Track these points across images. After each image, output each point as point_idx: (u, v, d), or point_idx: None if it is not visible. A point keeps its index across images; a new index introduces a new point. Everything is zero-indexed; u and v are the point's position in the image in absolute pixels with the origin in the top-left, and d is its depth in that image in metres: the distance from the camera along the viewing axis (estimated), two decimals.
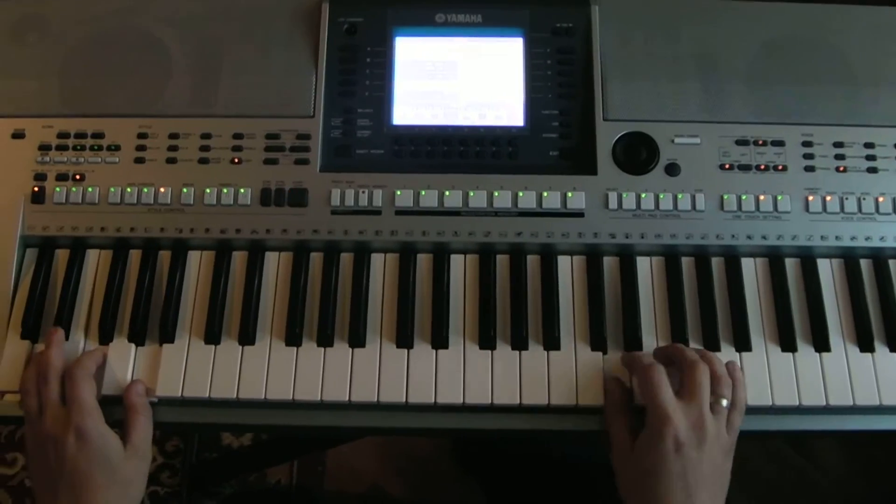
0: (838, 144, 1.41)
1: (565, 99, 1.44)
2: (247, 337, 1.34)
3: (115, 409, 1.29)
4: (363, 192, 1.38)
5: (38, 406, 1.26)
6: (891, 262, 1.40)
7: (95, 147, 1.42)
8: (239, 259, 1.40)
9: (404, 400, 1.30)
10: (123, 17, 1.49)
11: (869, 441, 1.60)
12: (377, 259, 1.40)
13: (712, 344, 1.33)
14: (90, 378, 1.28)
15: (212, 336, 1.34)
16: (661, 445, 1.18)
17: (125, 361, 1.33)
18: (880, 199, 1.38)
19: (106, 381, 1.32)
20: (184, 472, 2.43)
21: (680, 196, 1.38)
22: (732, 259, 1.39)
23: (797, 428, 1.34)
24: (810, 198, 1.38)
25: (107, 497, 1.21)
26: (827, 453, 1.73)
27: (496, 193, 1.38)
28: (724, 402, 1.23)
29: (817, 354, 1.33)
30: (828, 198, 1.38)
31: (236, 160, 1.40)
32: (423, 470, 2.25)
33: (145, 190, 1.39)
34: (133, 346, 1.34)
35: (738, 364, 1.31)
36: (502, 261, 1.39)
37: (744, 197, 1.38)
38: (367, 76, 1.45)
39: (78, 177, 1.40)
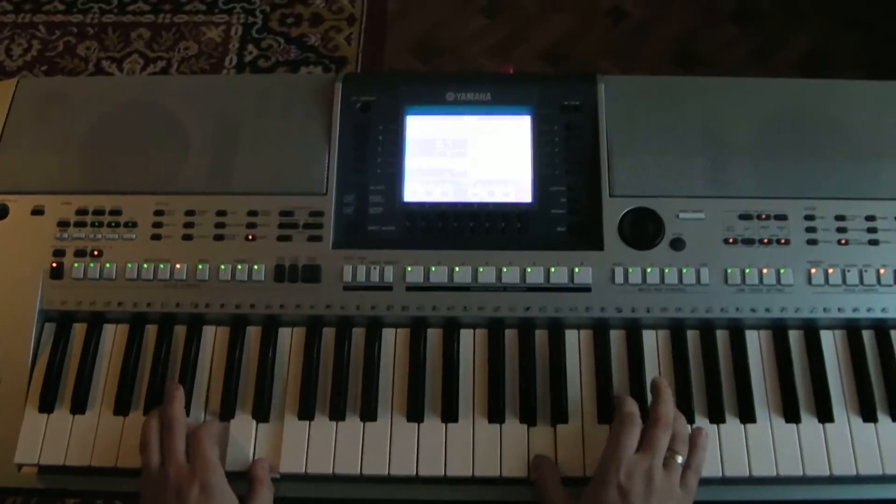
0: (840, 217, 1.42)
1: (572, 175, 1.46)
2: (261, 413, 1.35)
3: (125, 480, 1.33)
4: (375, 268, 1.40)
5: (160, 459, 1.28)
6: (893, 332, 1.41)
7: (113, 224, 1.44)
8: (253, 334, 1.41)
9: (415, 472, 1.32)
10: (142, 96, 1.53)
11: None
12: (388, 334, 1.41)
13: (717, 415, 1.35)
14: (215, 440, 1.31)
15: (227, 412, 1.36)
16: (606, 493, 1.20)
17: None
18: (881, 271, 1.40)
19: (122, 452, 1.34)
20: None
21: (685, 270, 1.39)
22: (737, 331, 1.40)
23: (801, 498, 1.35)
24: (813, 270, 1.40)
25: None
26: None
27: (505, 269, 1.40)
28: (679, 459, 1.25)
29: (821, 425, 1.34)
30: (830, 270, 1.39)
31: (251, 237, 1.42)
32: None
33: (161, 266, 1.41)
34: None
35: (705, 431, 1.32)
36: (511, 335, 1.41)
37: (747, 270, 1.40)
38: (379, 153, 1.48)
39: (96, 252, 1.42)
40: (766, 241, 1.42)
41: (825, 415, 1.35)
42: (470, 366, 1.39)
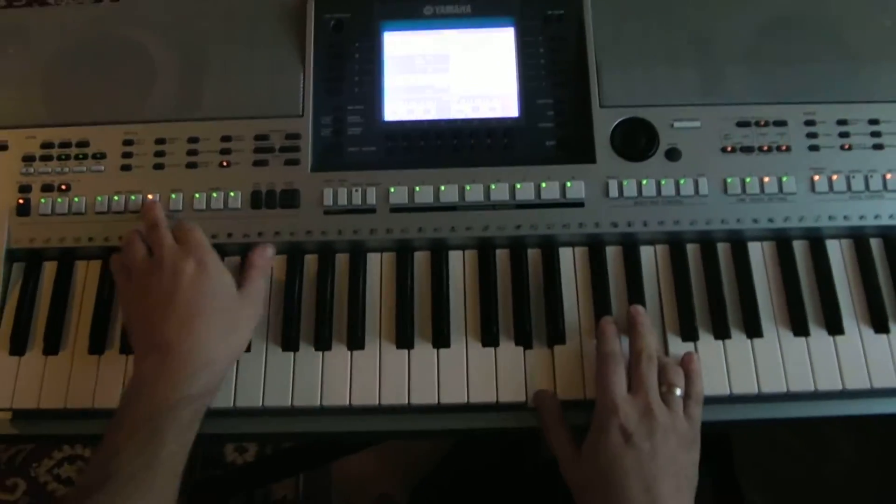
0: (842, 122, 1.37)
1: (560, 87, 1.41)
2: None
3: (102, 421, 1.23)
4: (356, 190, 1.35)
5: (146, 250, 1.27)
6: None
7: (80, 156, 1.39)
8: (232, 264, 1.36)
9: (406, 402, 1.27)
10: (104, 24, 1.47)
11: (884, 427, 1.56)
12: (373, 258, 1.36)
13: (722, 331, 1.30)
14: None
15: None
16: (608, 438, 1.16)
17: (118, 374, 1.29)
18: (888, 176, 1.35)
19: (98, 393, 1.29)
20: (187, 490, 2.40)
21: (682, 181, 1.34)
22: (739, 244, 1.36)
23: (812, 414, 1.31)
24: (816, 178, 1.35)
25: (214, 330, 1.20)
26: (839, 444, 1.69)
27: (493, 186, 1.34)
28: (678, 392, 1.21)
29: (831, 338, 1.30)
30: (834, 177, 1.34)
31: (225, 163, 1.37)
32: None
33: (133, 197, 1.36)
34: (125, 357, 1.30)
35: (695, 355, 1.27)
36: (502, 255, 1.36)
37: (747, 179, 1.34)
38: (356, 72, 1.42)
39: (63, 187, 1.37)
40: (765, 148, 1.36)
41: (835, 327, 1.30)
42: (460, 288, 1.34)
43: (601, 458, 1.15)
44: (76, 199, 1.36)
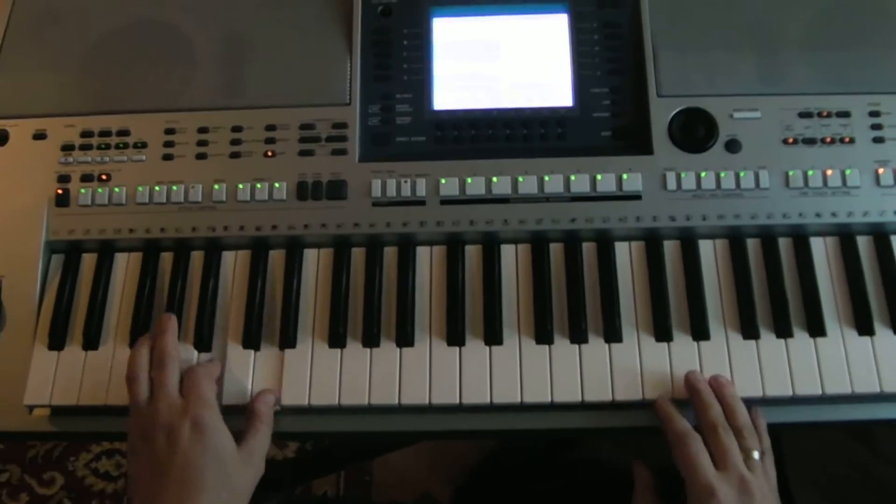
0: None
1: (615, 75, 1.37)
2: (288, 340, 1.27)
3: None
4: (405, 181, 1.31)
5: (148, 394, 1.20)
6: None
7: (121, 145, 1.36)
8: (276, 258, 1.33)
9: (458, 401, 1.23)
10: (145, 9, 1.44)
11: None
12: (423, 252, 1.33)
13: (784, 329, 1.25)
14: (212, 377, 1.23)
15: (250, 341, 1.27)
16: None
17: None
18: None
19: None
20: None
21: (742, 174, 1.30)
22: (801, 239, 1.31)
23: (875, 417, 1.27)
24: (880, 171, 1.30)
25: (213, 500, 1.13)
26: (890, 444, 1.66)
27: (546, 178, 1.31)
28: (756, 455, 1.18)
29: None
30: None
31: (270, 153, 1.34)
32: None
33: (175, 188, 1.33)
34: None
35: (757, 408, 1.24)
36: (556, 249, 1.32)
37: (810, 172, 1.30)
38: (404, 59, 1.39)
39: (104, 177, 1.34)
40: (828, 139, 1.32)
41: None
42: (513, 284, 1.31)
43: None
44: (116, 190, 1.33)
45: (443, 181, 1.31)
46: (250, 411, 1.22)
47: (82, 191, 1.33)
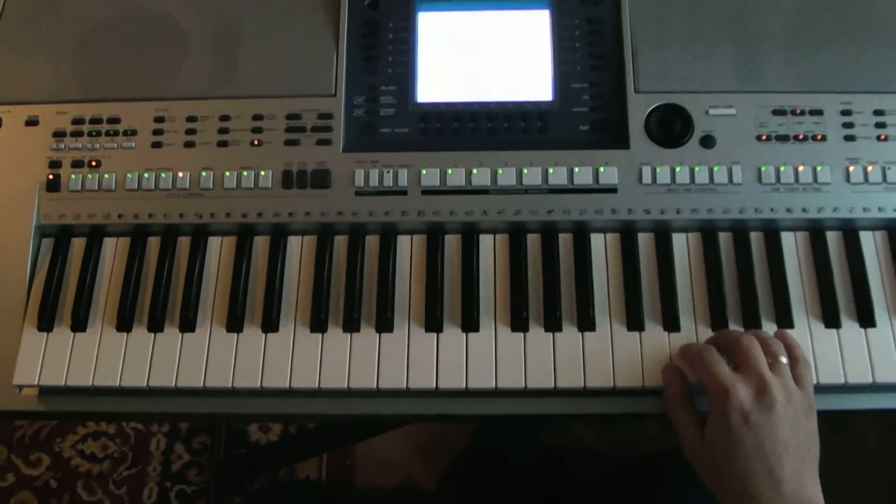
0: (879, 112, 1.35)
1: (595, 71, 1.39)
2: (270, 324, 1.30)
3: (128, 399, 1.29)
4: (388, 171, 1.34)
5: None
6: None
7: (111, 132, 1.38)
8: (261, 244, 1.36)
9: (434, 386, 1.26)
10: None
11: None
12: (404, 241, 1.35)
13: (753, 321, 1.28)
14: None
15: (234, 324, 1.30)
16: (727, 423, 1.13)
17: (145, 352, 1.29)
18: None
19: (126, 371, 1.28)
20: (211, 469, 2.41)
21: (716, 169, 1.33)
22: (772, 233, 1.34)
23: (842, 408, 1.30)
24: (851, 168, 1.33)
25: None
26: (866, 434, 1.69)
27: (525, 170, 1.33)
28: (783, 359, 1.19)
29: (862, 330, 1.28)
30: (869, 168, 1.33)
31: (256, 142, 1.36)
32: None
33: (163, 175, 1.35)
34: (152, 335, 1.30)
35: (784, 330, 1.27)
36: (533, 240, 1.35)
37: (782, 168, 1.33)
38: (390, 52, 1.41)
39: (94, 163, 1.37)
40: (801, 137, 1.35)
41: (867, 319, 1.29)
42: (490, 272, 1.33)
43: (721, 439, 1.14)
44: (106, 176, 1.36)
45: (424, 172, 1.34)
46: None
47: (73, 176, 1.36)
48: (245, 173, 1.35)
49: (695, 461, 1.19)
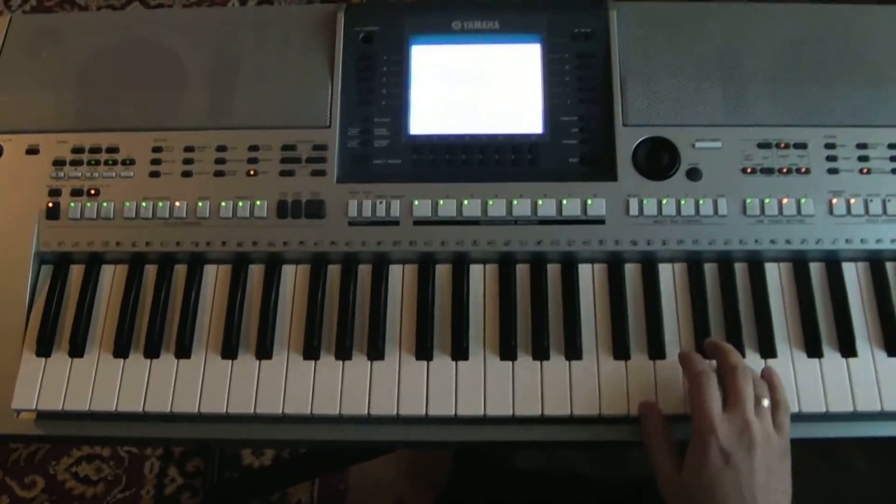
0: (862, 146, 1.38)
1: (585, 105, 1.42)
2: (264, 351, 1.32)
3: (124, 424, 1.30)
4: (381, 202, 1.36)
5: None
6: None
7: (110, 161, 1.41)
8: (256, 272, 1.38)
9: (424, 413, 1.28)
10: (137, 31, 1.49)
11: None
12: (396, 270, 1.38)
13: (738, 350, 1.29)
14: None
15: (229, 351, 1.32)
16: (708, 460, 1.15)
17: (142, 377, 1.31)
18: None
19: (122, 396, 1.30)
20: (204, 493, 2.42)
21: (702, 201, 1.35)
22: (756, 264, 1.36)
23: (824, 436, 1.32)
24: (834, 201, 1.35)
25: None
26: (852, 460, 1.70)
27: (515, 202, 1.36)
28: (766, 403, 1.20)
29: (844, 360, 1.31)
30: (852, 200, 1.35)
31: (252, 172, 1.39)
32: None
33: (160, 204, 1.38)
34: (149, 361, 1.32)
35: (773, 368, 1.28)
36: (522, 270, 1.37)
37: (767, 201, 1.35)
38: (383, 85, 1.44)
39: (93, 192, 1.39)
40: (785, 170, 1.37)
41: (848, 349, 1.31)
42: (480, 302, 1.35)
43: (701, 478, 1.15)
44: (105, 205, 1.38)
45: (416, 203, 1.36)
46: None
47: (72, 204, 1.38)
48: (241, 203, 1.37)
49: (669, 496, 1.21)
